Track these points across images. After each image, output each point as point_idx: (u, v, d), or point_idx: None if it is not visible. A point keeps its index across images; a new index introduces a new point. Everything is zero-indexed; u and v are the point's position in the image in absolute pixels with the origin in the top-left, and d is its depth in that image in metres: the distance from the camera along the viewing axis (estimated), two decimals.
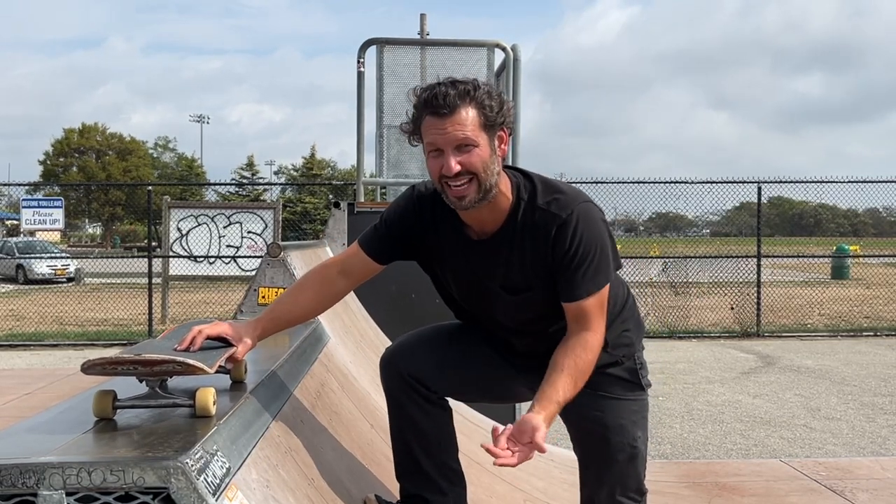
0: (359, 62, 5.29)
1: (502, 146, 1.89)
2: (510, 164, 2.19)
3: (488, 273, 1.98)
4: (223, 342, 1.86)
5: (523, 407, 4.81)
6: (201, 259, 12.68)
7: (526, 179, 1.96)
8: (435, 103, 1.82)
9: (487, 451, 1.68)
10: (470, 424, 3.46)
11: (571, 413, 2.11)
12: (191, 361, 1.59)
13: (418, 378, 2.08)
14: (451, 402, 2.20)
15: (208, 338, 1.84)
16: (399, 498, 2.16)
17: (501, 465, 1.67)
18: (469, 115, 1.82)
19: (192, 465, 1.30)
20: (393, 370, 2.14)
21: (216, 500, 1.31)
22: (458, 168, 1.82)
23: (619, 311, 2.08)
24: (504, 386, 2.21)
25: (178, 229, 12.68)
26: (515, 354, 2.13)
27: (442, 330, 2.24)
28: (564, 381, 1.84)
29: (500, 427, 1.72)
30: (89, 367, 1.58)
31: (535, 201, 1.92)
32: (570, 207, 1.89)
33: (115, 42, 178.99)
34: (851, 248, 22.96)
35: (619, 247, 2.05)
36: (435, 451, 2.11)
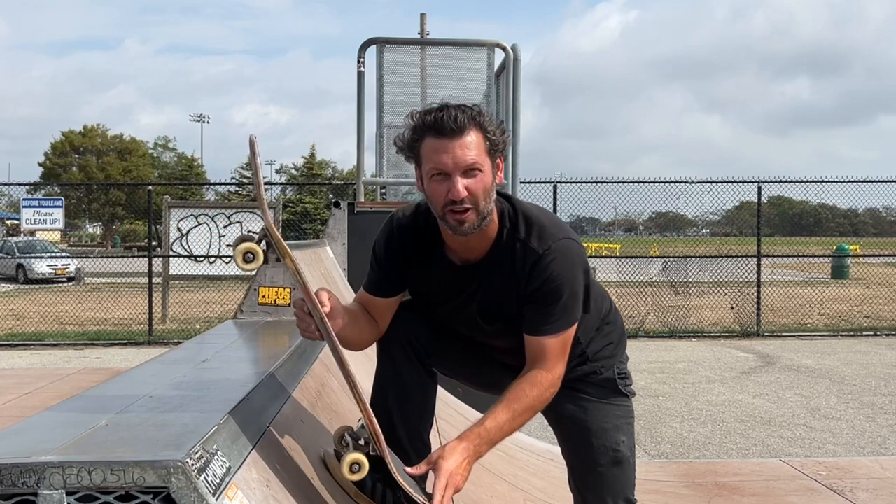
0: (359, 62, 5.29)
1: (499, 174, 1.87)
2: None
3: (466, 299, 1.97)
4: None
5: None
6: (201, 259, 12.69)
7: (511, 207, 1.93)
8: (441, 124, 1.78)
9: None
10: (470, 424, 3.46)
11: (555, 416, 2.11)
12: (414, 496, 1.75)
13: (421, 343, 2.05)
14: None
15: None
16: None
17: None
18: (476, 138, 1.79)
19: (193, 465, 1.30)
20: (397, 330, 2.12)
21: (216, 500, 1.31)
22: (465, 193, 1.78)
23: (602, 325, 2.08)
24: (491, 375, 2.18)
25: (179, 229, 12.69)
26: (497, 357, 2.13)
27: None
28: (501, 417, 1.86)
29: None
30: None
31: (517, 232, 1.89)
32: (549, 243, 1.86)
33: (121, 43, 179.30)
34: (851, 247, 22.96)
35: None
36: (413, 420, 2.08)
